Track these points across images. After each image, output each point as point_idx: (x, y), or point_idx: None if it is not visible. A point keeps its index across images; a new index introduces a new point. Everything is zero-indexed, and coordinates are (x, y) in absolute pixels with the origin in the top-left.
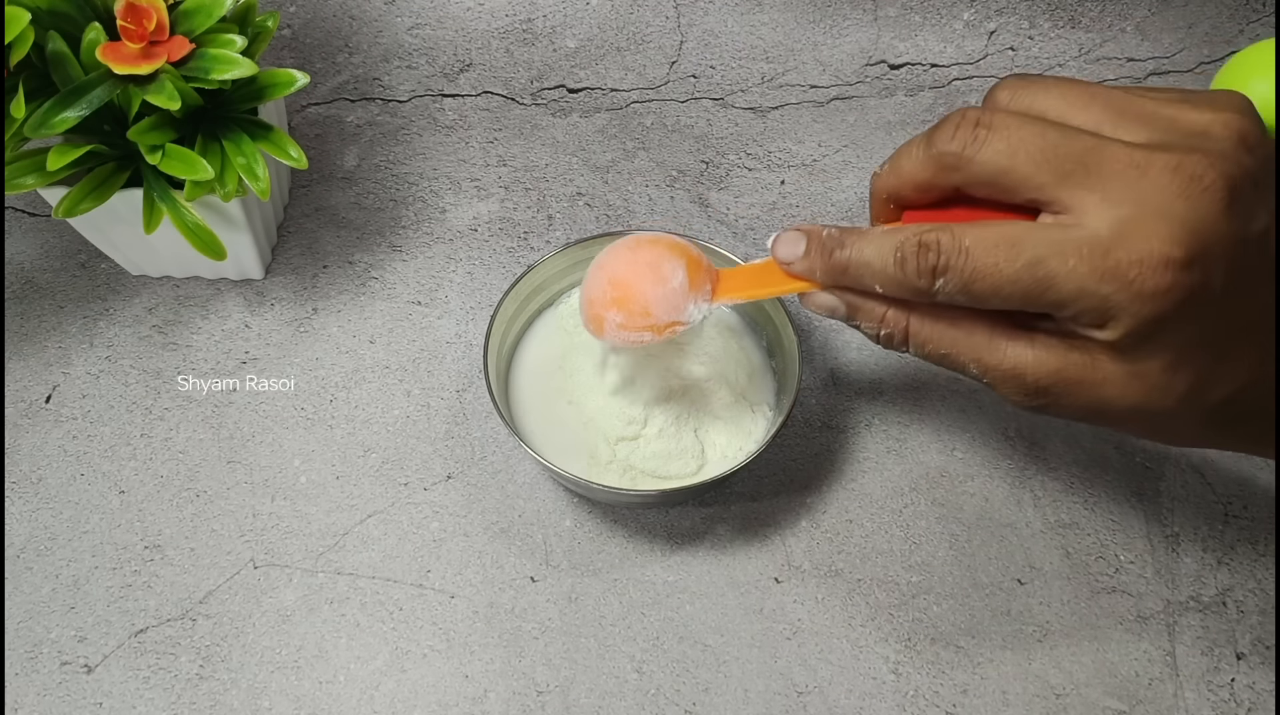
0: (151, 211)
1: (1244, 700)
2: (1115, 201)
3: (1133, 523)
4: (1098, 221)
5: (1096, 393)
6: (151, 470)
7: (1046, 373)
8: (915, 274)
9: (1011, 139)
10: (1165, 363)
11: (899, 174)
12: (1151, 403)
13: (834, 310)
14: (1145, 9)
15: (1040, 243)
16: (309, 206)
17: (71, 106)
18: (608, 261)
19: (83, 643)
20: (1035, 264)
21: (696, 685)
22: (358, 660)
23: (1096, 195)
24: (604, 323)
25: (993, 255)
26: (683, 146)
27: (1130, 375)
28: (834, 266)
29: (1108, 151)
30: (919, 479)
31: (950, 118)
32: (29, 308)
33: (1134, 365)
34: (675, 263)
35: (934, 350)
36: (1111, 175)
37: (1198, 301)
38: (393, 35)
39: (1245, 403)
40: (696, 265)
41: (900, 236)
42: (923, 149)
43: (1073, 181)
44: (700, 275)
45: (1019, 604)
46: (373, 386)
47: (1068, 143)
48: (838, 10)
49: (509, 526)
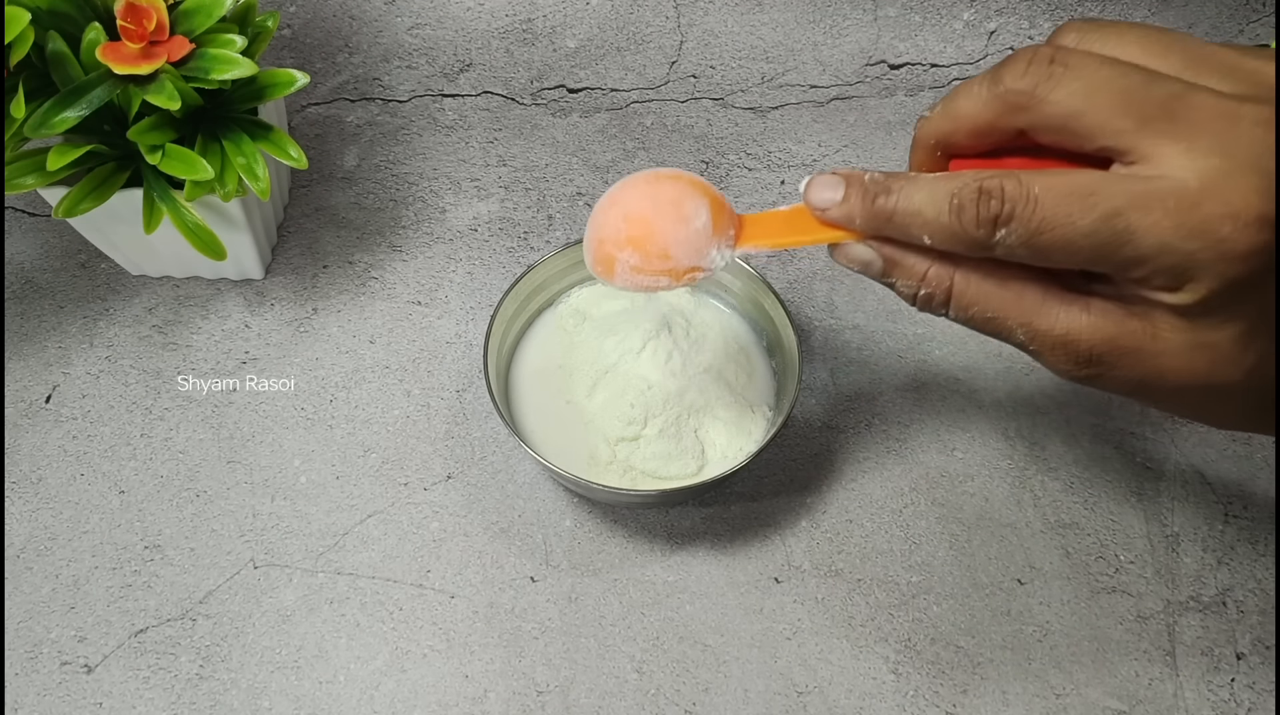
0: (151, 211)
1: (1244, 700)
2: (1203, 152)
3: (1133, 523)
4: (1184, 172)
5: (1154, 363)
6: (151, 470)
7: (1102, 339)
8: (974, 223)
9: (1090, 79)
10: (1238, 332)
11: (954, 116)
12: (1215, 376)
13: (868, 264)
14: (1145, 9)
15: (1119, 193)
16: (309, 206)
17: (71, 106)
18: (622, 196)
19: (83, 643)
20: (1113, 216)
21: (696, 685)
22: (358, 660)
23: (1182, 145)
24: (615, 263)
25: (1065, 205)
26: (683, 146)
27: (1196, 346)
28: (878, 213)
29: (1195, 98)
30: (919, 479)
31: (1021, 53)
32: (29, 308)
33: (1203, 334)
34: (699, 201)
35: (979, 313)
36: (1199, 124)
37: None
38: (393, 35)
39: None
40: (720, 206)
41: (957, 182)
42: (987, 87)
43: (1155, 129)
44: (724, 218)
45: (1019, 604)
46: (373, 386)
47: (1151, 87)
48: (838, 10)
49: (509, 526)
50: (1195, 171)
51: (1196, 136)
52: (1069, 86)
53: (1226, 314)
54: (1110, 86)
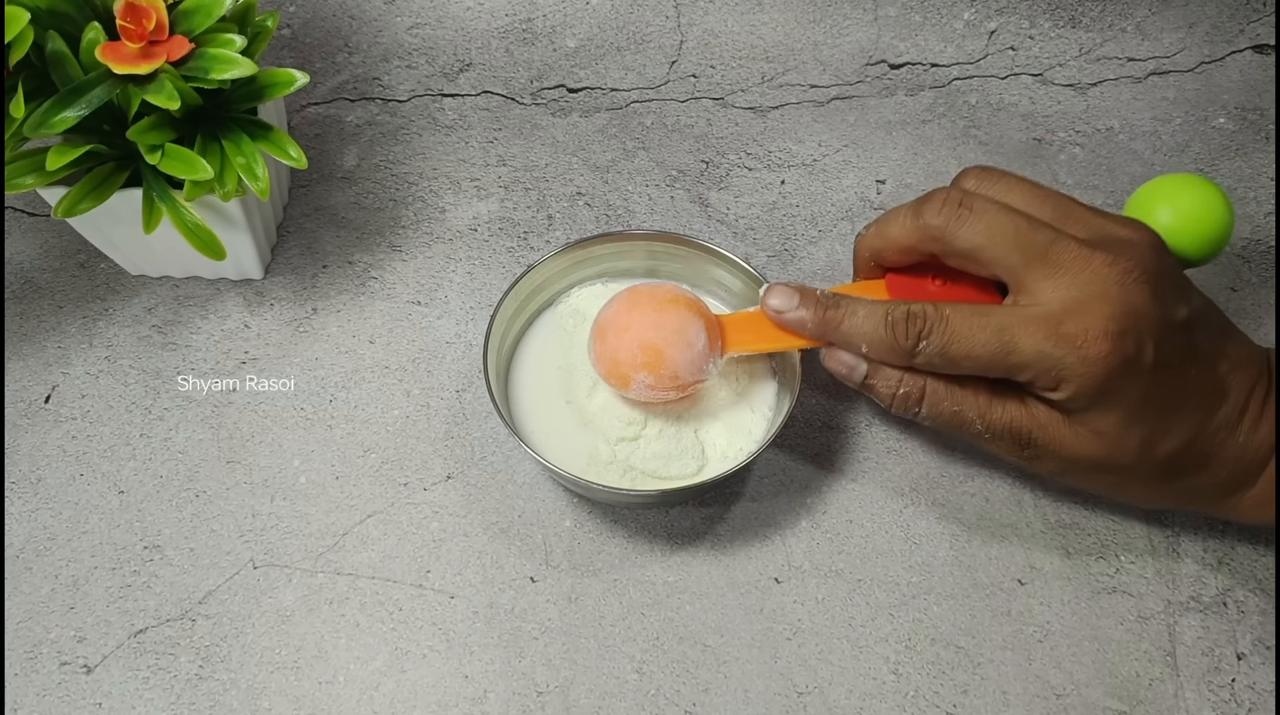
0: (151, 211)
1: (1244, 700)
2: (1066, 285)
3: (1133, 523)
4: (1052, 300)
5: (1068, 449)
6: (151, 470)
7: (1034, 426)
8: (904, 336)
9: (990, 223)
10: (1119, 419)
11: (885, 237)
12: (1113, 457)
13: (853, 368)
14: (1146, 9)
15: (1007, 315)
16: (308, 206)
17: (71, 106)
18: (633, 323)
19: (82, 643)
20: (1002, 331)
21: (696, 685)
22: (357, 660)
23: (1051, 281)
24: (631, 382)
25: (968, 323)
26: (683, 146)
27: (1091, 433)
28: (828, 322)
29: (1062, 243)
30: (919, 479)
31: (936, 194)
32: (28, 308)
33: (1092, 423)
34: (698, 326)
35: (946, 408)
36: (1064, 264)
37: (1134, 368)
38: (392, 35)
39: (1193, 455)
40: (712, 325)
41: (890, 305)
42: (910, 218)
43: (1034, 265)
44: (714, 332)
45: (1019, 604)
46: (372, 386)
47: (1034, 232)
48: (838, 10)
49: (509, 526)
50: (1060, 300)
51: (1062, 273)
52: (974, 226)
53: (1104, 405)
54: (1005, 229)
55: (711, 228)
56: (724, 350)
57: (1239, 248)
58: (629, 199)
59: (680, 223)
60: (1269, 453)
